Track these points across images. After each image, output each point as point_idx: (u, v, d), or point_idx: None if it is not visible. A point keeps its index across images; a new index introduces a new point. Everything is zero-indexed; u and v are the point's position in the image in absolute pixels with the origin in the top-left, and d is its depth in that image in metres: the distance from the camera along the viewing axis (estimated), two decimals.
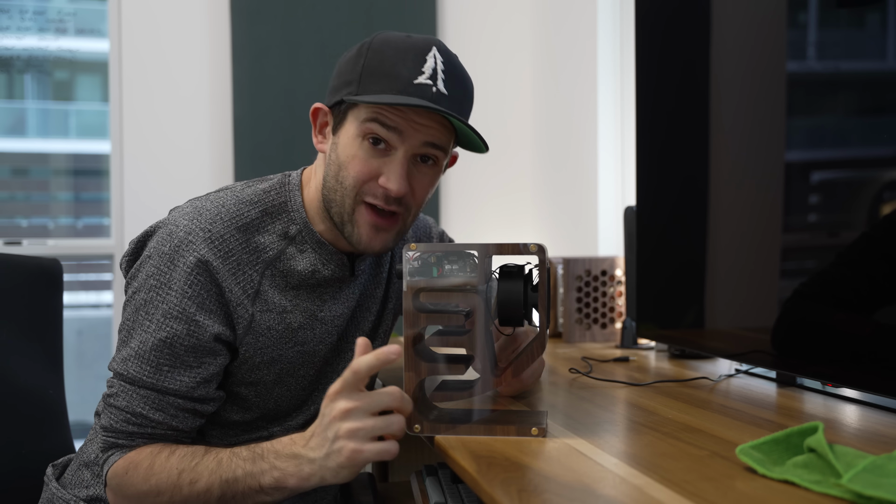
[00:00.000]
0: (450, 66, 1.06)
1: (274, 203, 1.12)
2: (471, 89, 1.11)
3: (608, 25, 2.33)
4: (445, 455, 0.94)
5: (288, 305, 1.11)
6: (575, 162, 2.47)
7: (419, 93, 1.02)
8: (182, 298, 1.03)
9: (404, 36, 1.07)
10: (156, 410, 1.04)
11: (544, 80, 2.71)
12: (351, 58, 1.08)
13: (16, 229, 3.04)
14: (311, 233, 1.12)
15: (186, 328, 1.03)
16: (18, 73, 3.07)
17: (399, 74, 1.03)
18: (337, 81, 1.09)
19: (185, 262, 1.03)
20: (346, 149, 1.06)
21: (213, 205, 1.09)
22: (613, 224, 2.31)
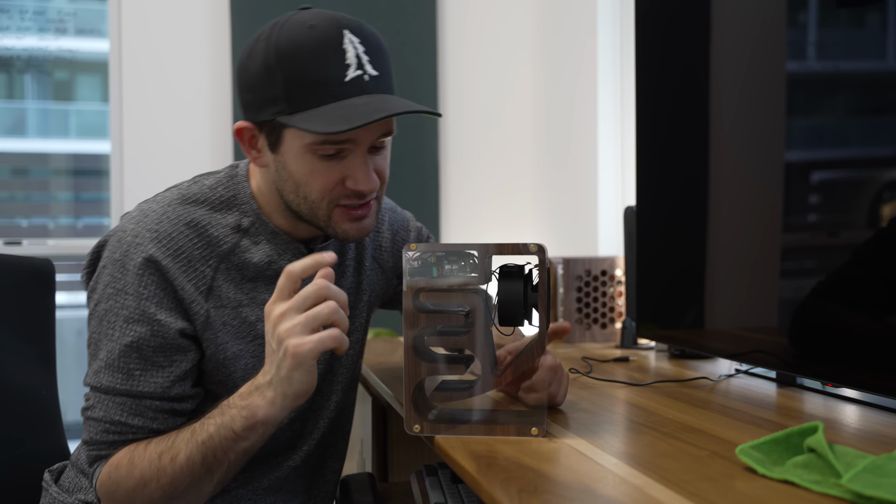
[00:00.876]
0: (364, 38, 1.01)
1: (223, 197, 1.10)
2: (384, 44, 1.05)
3: (608, 25, 2.33)
4: (445, 455, 0.94)
5: (244, 299, 1.09)
6: (575, 162, 2.47)
7: (354, 90, 0.98)
8: (139, 300, 1.02)
9: (306, 29, 0.98)
10: (134, 416, 1.03)
11: (544, 80, 2.71)
12: (259, 69, 0.99)
13: (16, 229, 3.04)
14: (265, 223, 1.09)
15: (150, 329, 1.02)
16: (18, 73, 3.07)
17: (327, 79, 0.97)
18: (253, 97, 1.02)
19: (135, 264, 1.02)
20: (297, 166, 1.02)
21: (160, 205, 1.07)
22: (613, 224, 2.31)
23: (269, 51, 0.99)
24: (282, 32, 0.99)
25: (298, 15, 1.01)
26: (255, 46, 1.01)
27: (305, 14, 1.01)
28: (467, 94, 2.80)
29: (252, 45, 1.02)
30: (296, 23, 1.00)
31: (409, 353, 0.97)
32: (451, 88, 2.79)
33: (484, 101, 2.81)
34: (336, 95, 0.97)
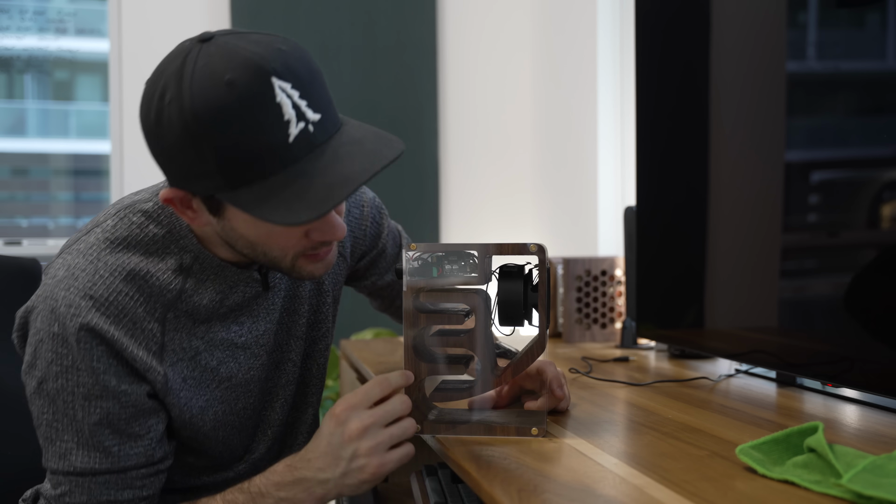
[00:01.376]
0: (294, 78, 0.84)
1: (156, 236, 0.96)
2: (312, 65, 0.89)
3: (608, 25, 2.33)
4: (445, 455, 0.94)
5: (200, 345, 0.99)
6: (575, 162, 2.47)
7: (302, 149, 0.84)
8: (95, 376, 0.91)
9: (225, 88, 0.81)
10: (122, 490, 0.95)
11: (544, 80, 2.71)
12: (178, 141, 0.82)
13: (16, 229, 3.04)
14: (209, 258, 0.97)
15: (117, 402, 0.92)
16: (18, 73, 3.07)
17: (269, 147, 0.82)
18: (178, 168, 0.86)
19: (78, 337, 0.90)
20: (248, 231, 0.91)
21: (87, 259, 0.94)
22: (613, 224, 2.31)
23: (186, 120, 0.81)
24: (195, 94, 0.81)
25: (205, 59, 0.83)
26: (163, 110, 0.83)
27: (214, 57, 0.82)
28: (467, 94, 2.80)
29: (157, 105, 0.84)
30: (207, 77, 0.81)
31: (409, 353, 0.97)
32: (451, 88, 2.79)
33: (484, 101, 2.81)
34: (283, 162, 0.83)
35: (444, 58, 2.79)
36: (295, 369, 1.14)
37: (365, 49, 2.68)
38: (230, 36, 0.85)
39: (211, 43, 0.84)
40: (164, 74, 0.85)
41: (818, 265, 1.20)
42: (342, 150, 0.87)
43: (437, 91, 2.76)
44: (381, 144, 0.90)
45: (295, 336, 1.12)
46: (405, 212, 2.66)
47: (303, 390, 1.18)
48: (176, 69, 0.84)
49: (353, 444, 0.89)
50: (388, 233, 1.28)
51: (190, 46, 0.85)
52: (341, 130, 0.89)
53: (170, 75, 0.84)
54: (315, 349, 1.17)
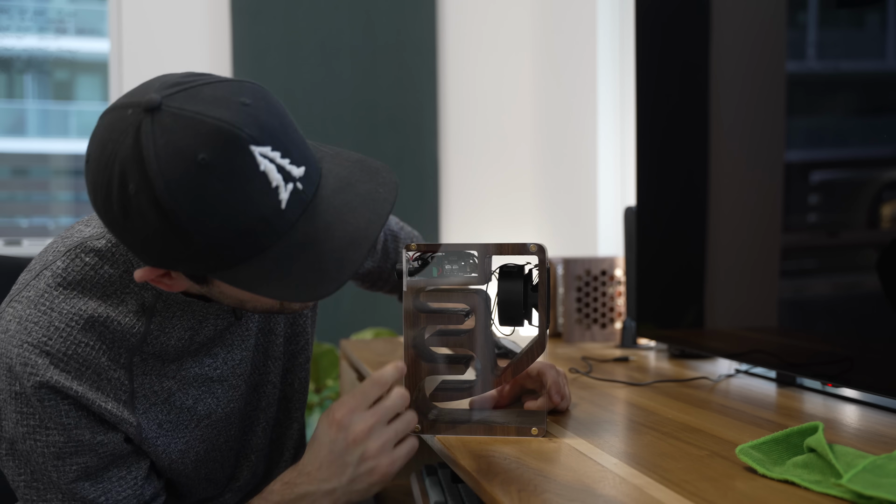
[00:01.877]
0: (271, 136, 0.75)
1: (112, 277, 0.88)
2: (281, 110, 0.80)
3: (608, 25, 2.33)
4: (445, 455, 0.94)
5: (173, 385, 0.93)
6: (575, 162, 2.47)
7: (295, 210, 0.77)
8: (67, 432, 0.85)
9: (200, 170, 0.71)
10: None
11: (544, 80, 2.71)
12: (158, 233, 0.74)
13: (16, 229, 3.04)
14: (173, 295, 0.90)
15: (94, 454, 0.88)
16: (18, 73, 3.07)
17: (263, 218, 0.75)
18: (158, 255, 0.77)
19: (42, 397, 0.84)
20: (237, 294, 0.85)
21: (39, 311, 0.85)
22: (613, 224, 2.31)
23: (163, 211, 0.72)
24: (168, 181, 0.71)
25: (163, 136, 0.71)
26: (130, 201, 0.72)
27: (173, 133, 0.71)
28: (467, 94, 2.80)
29: (118, 195, 0.73)
30: (175, 160, 0.71)
31: (408, 353, 0.97)
32: (451, 88, 2.79)
33: (484, 101, 2.81)
34: (279, 230, 0.76)
35: (444, 57, 2.79)
36: (275, 390, 1.10)
37: (365, 49, 2.68)
38: (179, 96, 0.74)
39: (162, 113, 0.72)
40: (117, 157, 0.72)
41: (818, 265, 1.20)
42: (337, 200, 0.80)
43: (437, 91, 2.76)
44: (372, 181, 0.83)
45: (273, 357, 1.08)
46: (405, 212, 2.66)
47: (286, 407, 1.15)
48: (131, 150, 0.72)
49: (359, 448, 0.86)
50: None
51: (136, 119, 0.72)
52: (324, 172, 0.82)
53: (126, 159, 0.72)
54: (295, 363, 1.14)
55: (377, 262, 1.31)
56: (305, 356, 1.15)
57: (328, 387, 2.50)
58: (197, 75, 0.78)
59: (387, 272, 1.34)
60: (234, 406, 1.02)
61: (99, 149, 0.74)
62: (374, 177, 0.84)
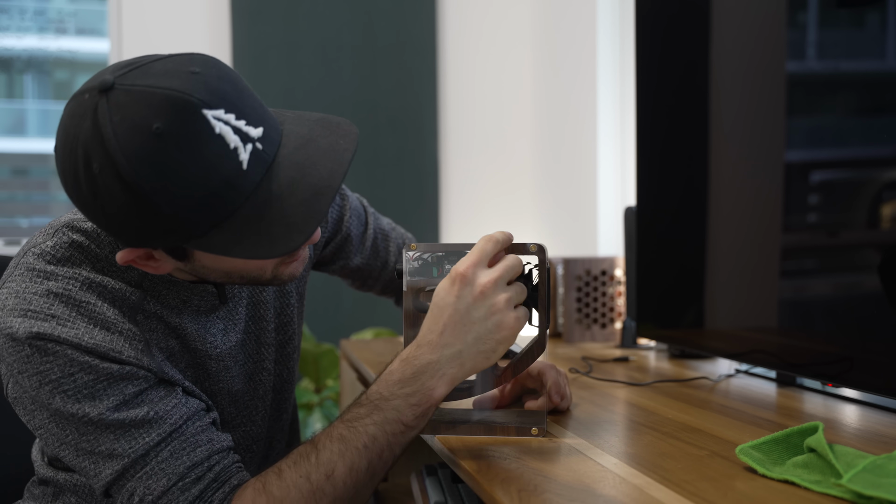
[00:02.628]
0: (222, 99, 0.77)
1: (99, 255, 0.89)
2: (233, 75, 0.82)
3: (608, 25, 2.33)
4: (445, 455, 0.94)
5: (175, 346, 0.95)
6: (575, 162, 2.47)
7: (257, 170, 0.79)
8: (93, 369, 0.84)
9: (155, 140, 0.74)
10: (193, 449, 0.86)
11: (544, 80, 2.71)
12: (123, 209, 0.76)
13: (16, 229, 3.04)
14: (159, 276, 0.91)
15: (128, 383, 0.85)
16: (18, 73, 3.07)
17: (226, 181, 0.77)
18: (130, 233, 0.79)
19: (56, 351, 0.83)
20: (220, 264, 0.87)
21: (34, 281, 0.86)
22: (613, 224, 2.31)
23: (127, 185, 0.74)
24: (127, 154, 0.73)
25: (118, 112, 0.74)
26: (96, 179, 0.75)
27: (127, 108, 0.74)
28: (467, 94, 2.80)
29: (85, 177, 0.76)
30: (131, 132, 0.74)
31: None
32: (451, 88, 2.79)
33: (484, 101, 2.82)
34: (244, 190, 0.78)
35: (444, 57, 2.79)
36: (270, 378, 1.10)
37: (365, 49, 2.68)
38: (131, 74, 0.76)
39: (115, 92, 0.75)
40: (79, 140, 0.76)
41: (818, 265, 1.20)
42: (299, 156, 0.82)
43: (437, 91, 2.76)
44: (332, 135, 0.85)
45: (265, 344, 1.08)
46: (405, 212, 2.66)
47: (280, 397, 1.14)
48: (91, 132, 0.75)
49: (487, 300, 0.84)
50: (350, 215, 1.23)
51: (93, 101, 0.76)
52: (284, 132, 0.84)
53: (87, 140, 0.75)
54: (285, 352, 1.13)
55: (366, 258, 1.29)
56: (293, 346, 1.15)
57: (328, 387, 2.50)
58: (149, 55, 0.80)
59: (377, 270, 1.32)
60: (222, 387, 1.02)
61: (63, 136, 0.78)
62: (335, 130, 0.85)
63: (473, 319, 0.84)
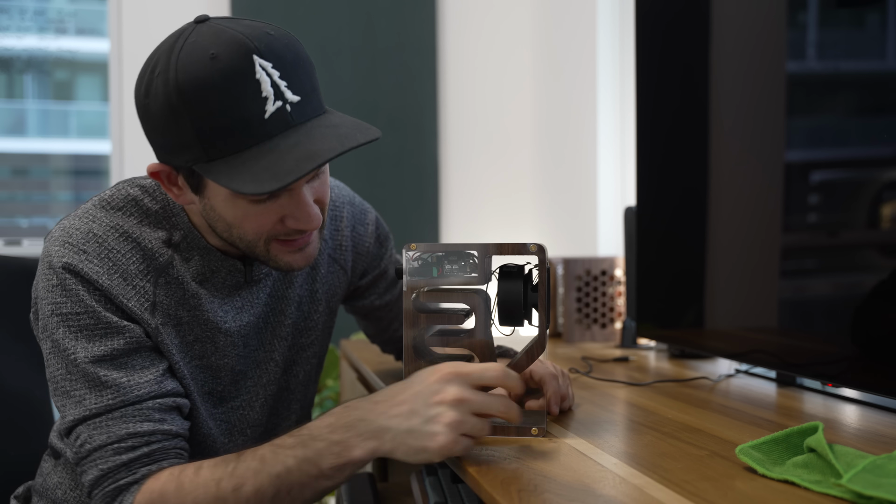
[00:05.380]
0: (277, 59, 0.88)
1: (150, 209, 1.00)
2: (301, 53, 0.92)
3: (608, 25, 2.33)
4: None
5: (185, 317, 1.01)
6: (575, 162, 2.47)
7: (277, 126, 0.87)
8: (97, 315, 0.94)
9: (208, 61, 0.86)
10: (141, 422, 0.93)
11: (544, 80, 2.71)
12: (162, 111, 0.87)
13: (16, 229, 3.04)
14: (197, 239, 1.00)
15: (120, 337, 0.94)
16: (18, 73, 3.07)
17: (244, 120, 0.86)
18: (162, 139, 0.91)
19: (76, 286, 0.93)
20: (226, 210, 0.93)
21: (82, 221, 0.97)
22: (613, 224, 2.31)
23: (169, 90, 0.86)
24: (180, 66, 0.86)
25: (195, 36, 0.88)
26: (152, 82, 0.88)
27: (203, 35, 0.88)
28: (467, 94, 2.80)
29: (148, 78, 0.89)
30: (194, 51, 0.87)
31: (408, 353, 0.97)
32: (451, 88, 2.79)
33: (484, 101, 2.82)
34: (257, 137, 0.87)
35: (444, 58, 2.79)
36: (277, 370, 1.13)
37: (365, 49, 2.68)
38: (225, 20, 0.91)
39: (205, 24, 0.90)
40: (159, 51, 0.90)
41: (818, 265, 1.20)
42: (316, 130, 0.89)
43: (437, 91, 2.76)
44: (356, 130, 0.92)
45: (279, 336, 1.12)
46: (405, 212, 2.66)
47: (285, 395, 1.16)
48: (169, 46, 0.89)
49: (441, 407, 0.83)
50: (390, 257, 1.29)
51: (187, 27, 0.91)
52: (322, 116, 0.92)
53: (163, 52, 0.89)
54: (301, 356, 1.16)
55: (395, 298, 1.29)
56: (313, 352, 1.18)
57: (328, 387, 2.50)
58: (253, 18, 0.93)
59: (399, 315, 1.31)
60: (227, 362, 1.06)
61: (155, 49, 0.91)
62: (361, 129, 0.93)
63: (419, 413, 0.83)
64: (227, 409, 1.09)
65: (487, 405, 0.85)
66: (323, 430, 0.86)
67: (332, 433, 0.86)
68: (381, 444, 0.84)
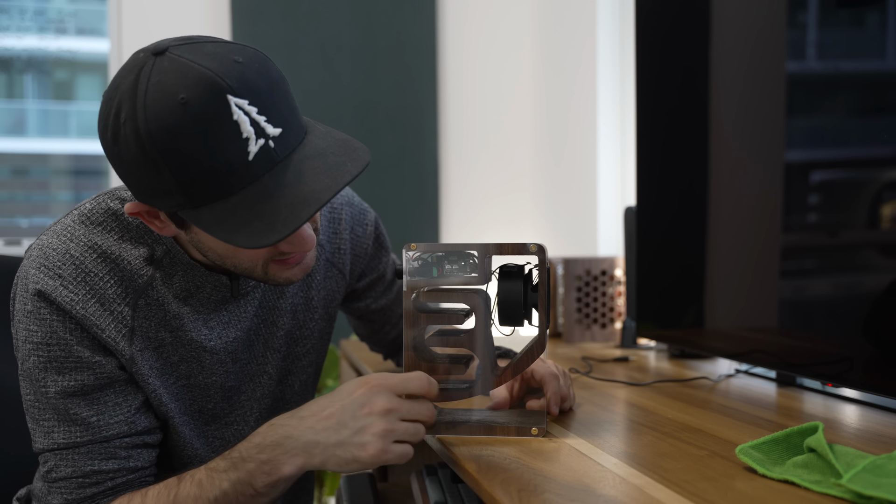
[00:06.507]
0: (252, 92, 0.82)
1: (131, 224, 0.96)
2: (275, 75, 0.87)
3: (608, 26, 2.33)
4: (445, 455, 0.94)
5: (167, 338, 0.98)
6: (575, 162, 2.47)
7: (263, 166, 0.82)
8: (68, 348, 0.92)
9: (179, 107, 0.79)
10: (106, 460, 0.95)
11: (544, 80, 2.71)
12: (136, 159, 0.81)
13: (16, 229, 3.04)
14: (179, 254, 0.96)
15: (91, 373, 0.93)
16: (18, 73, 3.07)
17: (228, 167, 0.81)
18: (139, 184, 0.84)
19: (50, 315, 0.92)
20: (216, 246, 0.91)
21: (60, 240, 0.94)
22: (613, 224, 2.31)
23: (141, 140, 0.80)
24: (149, 115, 0.79)
25: (158, 75, 0.80)
26: (119, 129, 0.81)
27: (167, 74, 0.80)
28: (467, 94, 2.80)
29: (113, 123, 0.82)
30: (161, 96, 0.79)
31: (408, 353, 0.97)
32: (451, 88, 2.79)
33: (484, 102, 2.81)
34: (244, 180, 0.82)
35: (444, 58, 2.79)
36: (271, 382, 1.11)
37: (365, 49, 2.68)
38: (185, 47, 0.83)
39: (164, 57, 0.82)
40: (119, 90, 0.82)
41: (818, 265, 1.20)
42: (305, 165, 0.85)
43: (437, 91, 2.76)
44: (345, 156, 0.87)
45: (272, 348, 1.10)
46: (405, 212, 2.66)
47: (281, 407, 1.14)
48: (130, 86, 0.81)
49: (369, 419, 0.86)
50: (388, 260, 1.28)
51: (144, 60, 0.82)
52: (304, 142, 0.87)
53: (124, 92, 0.82)
54: (296, 366, 1.15)
55: (390, 302, 1.29)
56: (309, 361, 1.16)
57: (328, 386, 2.50)
58: (210, 37, 0.87)
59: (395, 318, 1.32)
60: (216, 380, 1.05)
61: (112, 83, 0.85)
62: (350, 153, 0.88)
63: (347, 425, 0.86)
64: (220, 426, 1.08)
65: (414, 412, 0.89)
66: (251, 451, 0.89)
67: (260, 453, 0.88)
68: (309, 459, 0.87)
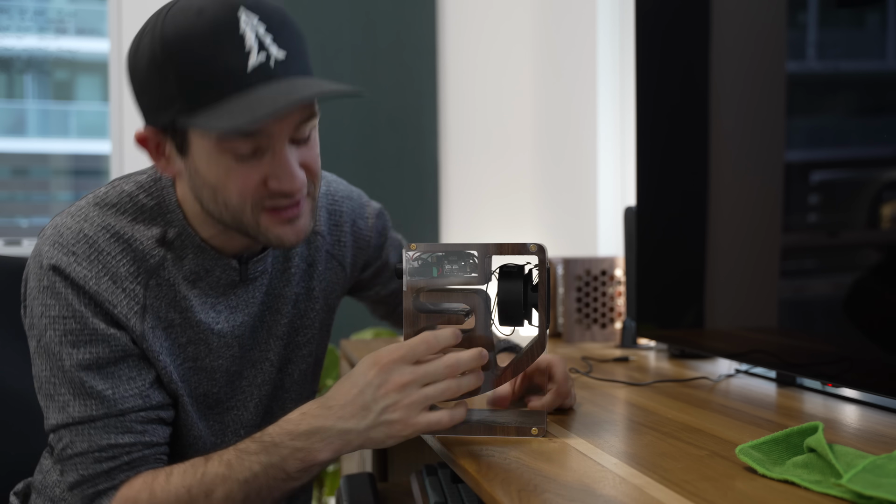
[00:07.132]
0: (264, 16, 0.88)
1: (145, 206, 0.99)
2: (290, 20, 0.92)
3: (608, 26, 2.33)
4: (445, 455, 0.94)
5: (177, 319, 1.00)
6: (575, 162, 2.47)
7: (260, 77, 0.87)
8: (84, 321, 0.94)
9: (194, 15, 0.86)
10: (123, 434, 0.95)
11: (544, 80, 2.71)
12: (148, 67, 0.88)
13: (16, 229, 3.04)
14: (191, 236, 0.99)
15: (106, 345, 0.95)
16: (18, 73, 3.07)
17: (226, 70, 0.86)
18: (148, 99, 0.91)
19: (65, 289, 0.94)
20: (210, 170, 0.92)
21: (74, 220, 0.97)
22: (613, 224, 2.31)
23: (154, 45, 0.87)
24: (167, 22, 0.87)
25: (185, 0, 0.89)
26: (141, 41, 0.89)
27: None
28: (467, 94, 2.80)
29: (138, 39, 0.90)
30: (182, 9, 0.88)
31: None
32: (451, 88, 2.79)
33: (484, 102, 2.82)
34: (239, 86, 0.86)
35: (444, 58, 2.79)
36: (272, 369, 1.12)
37: (365, 49, 2.68)
38: None
39: None
40: (152, 16, 0.91)
41: (818, 265, 1.20)
42: (299, 81, 0.89)
43: (437, 91, 2.76)
44: (340, 86, 0.92)
45: (275, 335, 1.11)
46: (405, 212, 2.66)
47: (280, 395, 1.15)
48: (160, 10, 0.90)
49: (389, 398, 0.87)
50: (390, 243, 1.28)
51: None
52: (308, 76, 0.92)
53: (159, 13, 0.90)
54: (296, 354, 1.15)
55: (399, 286, 1.31)
56: (309, 351, 1.17)
57: (327, 386, 2.50)
58: None
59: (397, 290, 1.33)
60: (221, 364, 1.06)
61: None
62: (345, 86, 0.93)
63: (371, 409, 0.88)
64: (221, 411, 1.09)
65: (433, 374, 0.89)
66: (284, 438, 0.90)
67: (294, 440, 0.89)
68: (346, 445, 0.89)
